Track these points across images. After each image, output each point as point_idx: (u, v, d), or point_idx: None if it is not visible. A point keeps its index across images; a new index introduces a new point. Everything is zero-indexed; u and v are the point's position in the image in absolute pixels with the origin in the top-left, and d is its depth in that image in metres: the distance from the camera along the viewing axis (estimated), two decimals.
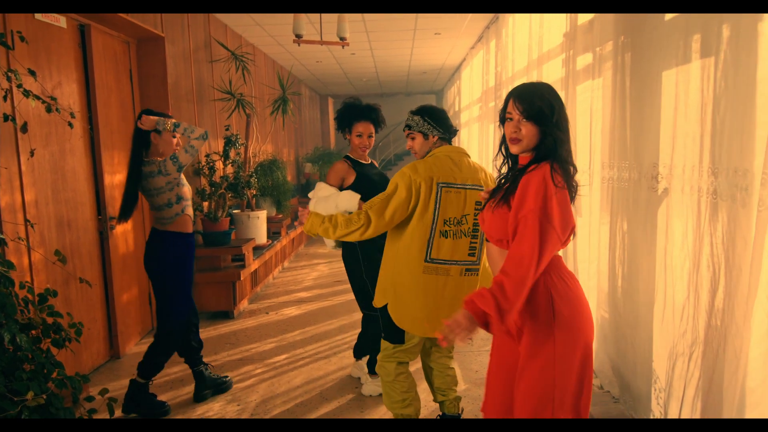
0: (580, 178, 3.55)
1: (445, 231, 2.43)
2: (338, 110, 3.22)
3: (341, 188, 3.05)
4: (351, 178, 3.12)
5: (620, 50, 2.80)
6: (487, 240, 1.94)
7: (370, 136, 3.17)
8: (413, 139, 2.61)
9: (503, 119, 1.89)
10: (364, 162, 3.22)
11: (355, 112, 3.15)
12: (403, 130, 2.68)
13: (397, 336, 2.59)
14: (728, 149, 1.94)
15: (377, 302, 2.63)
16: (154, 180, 2.99)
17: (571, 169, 1.82)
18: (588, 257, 3.35)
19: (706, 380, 2.06)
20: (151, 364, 3.11)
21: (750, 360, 1.85)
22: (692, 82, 2.16)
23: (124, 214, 3.07)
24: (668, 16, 2.34)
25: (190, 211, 3.14)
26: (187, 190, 3.12)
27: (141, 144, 3.04)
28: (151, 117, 3.01)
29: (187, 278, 3.15)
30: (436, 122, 2.57)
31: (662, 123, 2.43)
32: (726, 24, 1.93)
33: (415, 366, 3.08)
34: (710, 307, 2.02)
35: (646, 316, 2.57)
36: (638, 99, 2.62)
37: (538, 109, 1.80)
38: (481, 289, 1.73)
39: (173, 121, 3.03)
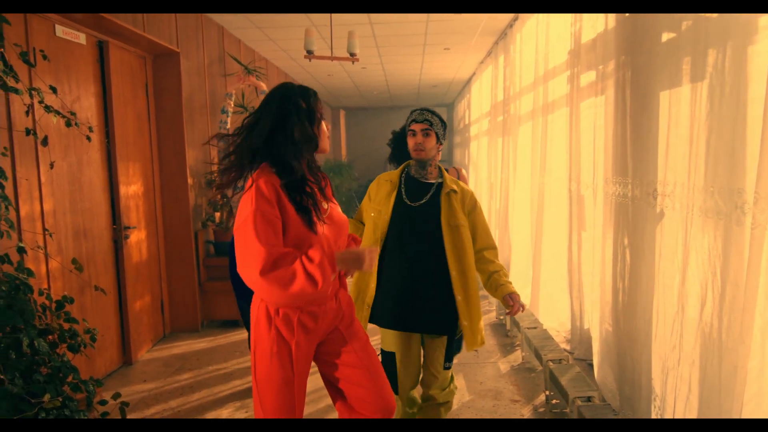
0: (585, 192, 3.65)
1: None
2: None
3: None
4: None
5: (621, 69, 2.87)
6: None
7: None
8: (427, 135, 2.34)
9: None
10: None
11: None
12: (420, 122, 2.36)
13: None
14: (713, 168, 2.00)
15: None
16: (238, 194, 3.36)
17: None
18: (592, 271, 3.40)
19: (699, 395, 2.09)
20: None
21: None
22: (683, 102, 2.22)
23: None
24: (664, 37, 2.40)
25: None
26: None
27: None
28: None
29: None
30: (444, 132, 2.44)
31: (659, 142, 2.49)
32: (712, 48, 2.00)
33: None
34: (699, 322, 2.06)
35: (645, 330, 2.61)
36: (638, 117, 2.68)
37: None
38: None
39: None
